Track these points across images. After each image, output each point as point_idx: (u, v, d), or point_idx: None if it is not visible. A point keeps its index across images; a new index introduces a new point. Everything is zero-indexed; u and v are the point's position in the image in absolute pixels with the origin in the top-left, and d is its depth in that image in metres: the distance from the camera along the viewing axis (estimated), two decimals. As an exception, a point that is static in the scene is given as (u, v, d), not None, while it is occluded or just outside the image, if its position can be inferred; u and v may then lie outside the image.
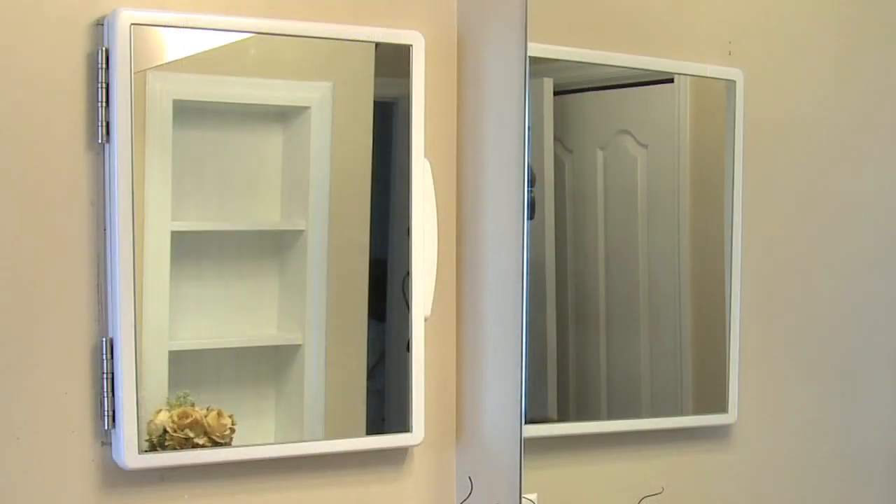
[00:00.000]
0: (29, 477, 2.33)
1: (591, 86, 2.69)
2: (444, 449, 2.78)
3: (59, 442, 2.35)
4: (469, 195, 2.77)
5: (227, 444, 2.48)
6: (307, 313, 2.65)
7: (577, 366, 2.71)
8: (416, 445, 2.70)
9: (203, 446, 2.45)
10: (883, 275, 2.37)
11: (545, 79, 2.59)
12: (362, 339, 2.68)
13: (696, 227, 2.64)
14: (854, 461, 2.44)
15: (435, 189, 2.70)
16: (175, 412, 2.43)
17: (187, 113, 2.48)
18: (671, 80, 2.62)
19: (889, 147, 2.30)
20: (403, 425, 2.67)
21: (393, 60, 2.63)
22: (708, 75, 2.59)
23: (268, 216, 2.64)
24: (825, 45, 2.52)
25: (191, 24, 2.42)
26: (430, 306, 2.69)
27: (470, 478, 2.71)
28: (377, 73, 2.64)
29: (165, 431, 2.42)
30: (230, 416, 2.48)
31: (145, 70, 2.37)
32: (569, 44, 2.62)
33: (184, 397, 2.45)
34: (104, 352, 2.35)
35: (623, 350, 2.71)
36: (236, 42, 2.49)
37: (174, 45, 2.44)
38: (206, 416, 2.46)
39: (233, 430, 2.49)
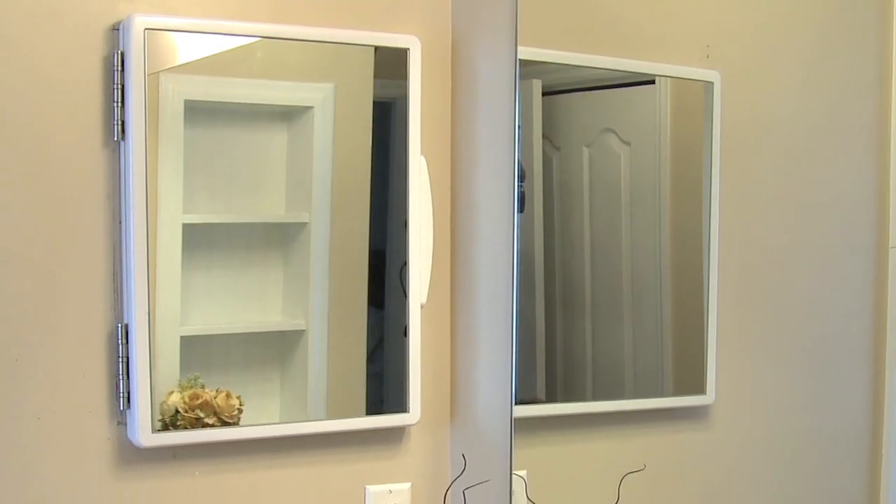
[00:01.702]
0: (48, 454, 2.33)
1: (577, 87, 2.68)
2: (439, 428, 2.79)
3: (77, 422, 2.36)
4: (463, 190, 2.77)
5: (236, 424, 2.49)
6: (310, 301, 2.65)
7: (563, 350, 2.70)
8: (412, 425, 2.71)
9: (213, 426, 2.46)
10: (849, 265, 2.37)
11: (534, 80, 2.59)
12: (362, 324, 2.69)
13: (676, 219, 2.63)
14: (823, 439, 2.44)
15: (430, 184, 2.71)
16: (186, 394, 2.45)
17: (198, 112, 2.48)
18: (653, 82, 2.61)
19: (854, 145, 2.31)
20: (401, 406, 2.68)
21: (391, 63, 2.62)
22: (687, 77, 2.58)
23: (273, 209, 2.64)
24: (797, 50, 2.51)
25: (201, 29, 2.42)
26: (425, 294, 2.70)
27: (463, 455, 2.71)
28: (376, 75, 2.64)
29: (177, 412, 2.43)
30: (238, 398, 2.49)
31: (158, 72, 2.37)
32: (556, 47, 2.60)
33: (194, 380, 2.46)
34: (120, 337, 2.37)
35: (607, 335, 2.70)
36: (244, 46, 2.50)
37: (185, 49, 2.44)
38: (215, 398, 2.47)
39: (240, 411, 2.50)
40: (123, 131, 2.34)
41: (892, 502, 2.28)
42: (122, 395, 2.37)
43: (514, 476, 2.60)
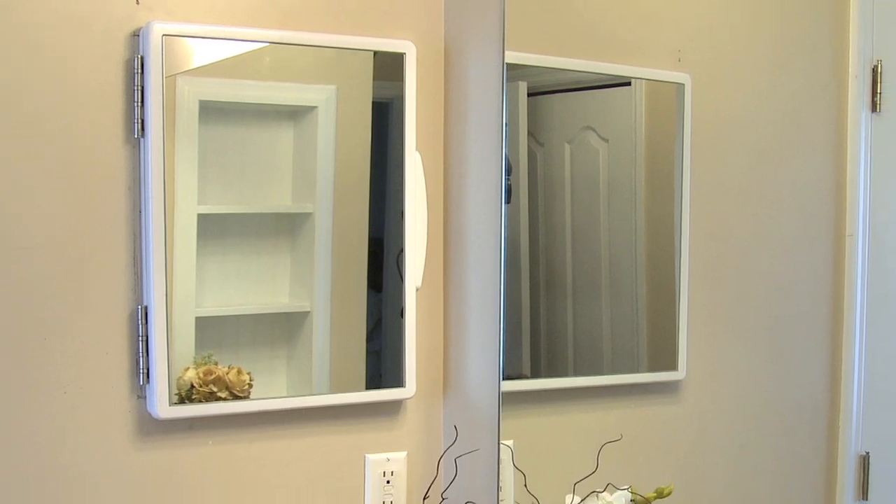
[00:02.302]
0: (74, 426, 2.36)
1: (559, 88, 2.68)
2: (433, 401, 2.81)
3: (100, 395, 2.38)
4: (454, 183, 2.78)
5: (246, 398, 2.51)
6: (315, 284, 2.65)
7: (547, 329, 2.71)
8: (408, 398, 2.73)
9: (225, 399, 2.48)
10: (809, 251, 2.39)
11: (520, 82, 2.61)
12: (362, 306, 2.69)
13: (650, 210, 2.63)
14: (785, 411, 2.43)
15: (425, 177, 2.72)
16: (201, 370, 2.46)
17: (211, 112, 2.49)
18: (629, 84, 2.62)
19: (813, 142, 2.34)
20: (398, 381, 2.70)
21: (389, 66, 2.64)
22: (660, 79, 2.58)
23: (280, 200, 2.64)
24: (761, 55, 2.50)
25: (214, 35, 2.44)
26: (420, 278, 2.71)
27: (455, 426, 2.74)
28: (375, 77, 2.65)
29: (192, 386, 2.45)
30: (248, 373, 2.51)
31: (175, 74, 2.39)
32: (540, 52, 2.62)
33: (208, 357, 2.48)
34: (140, 318, 2.39)
35: (587, 316, 2.70)
36: (253, 50, 2.50)
37: (200, 53, 2.44)
38: (227, 373, 2.49)
39: (251, 385, 2.52)
40: (143, 129, 2.36)
41: (848, 469, 2.27)
42: (141, 371, 2.40)
43: (501, 445, 2.62)
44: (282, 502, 2.64)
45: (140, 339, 2.40)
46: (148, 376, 2.41)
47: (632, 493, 2.48)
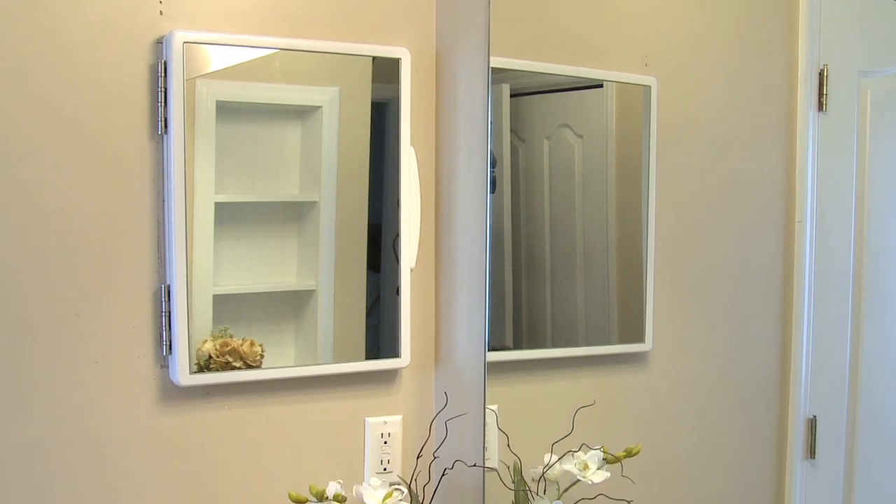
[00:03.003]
0: (105, 392, 2.40)
1: (539, 90, 2.68)
2: (426, 370, 2.84)
3: (128, 365, 2.42)
4: (445, 174, 2.80)
5: (258, 367, 2.55)
6: (320, 265, 2.66)
7: (527, 306, 2.72)
8: (403, 367, 2.77)
9: (239, 368, 2.52)
10: (763, 235, 2.38)
11: (504, 84, 2.61)
12: (362, 285, 2.71)
13: (620, 198, 2.63)
14: (740, 379, 2.45)
15: (418, 170, 2.74)
16: (217, 342, 2.50)
17: (227, 111, 2.51)
18: (601, 86, 2.62)
19: (766, 137, 2.35)
20: (394, 352, 2.73)
21: (386, 70, 2.66)
22: (629, 82, 2.58)
23: (289, 190, 2.66)
24: (719, 60, 2.51)
25: (230, 42, 2.47)
26: (414, 260, 2.75)
27: (445, 393, 2.77)
28: (374, 80, 2.66)
29: (210, 357, 2.49)
30: (260, 345, 2.54)
31: (195, 77, 2.42)
32: (522, 57, 2.63)
33: (224, 330, 2.51)
34: (163, 295, 2.43)
35: (563, 293, 2.69)
36: (265, 56, 2.53)
37: (217, 59, 2.47)
38: (241, 345, 2.52)
39: (262, 356, 2.55)
40: (166, 127, 2.40)
41: (797, 433, 2.29)
42: (164, 343, 2.44)
43: (487, 410, 2.65)
44: (290, 461, 2.66)
45: (163, 314, 2.44)
46: (170, 348, 2.45)
47: (603, 452, 2.48)
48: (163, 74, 2.40)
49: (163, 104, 2.40)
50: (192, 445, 2.54)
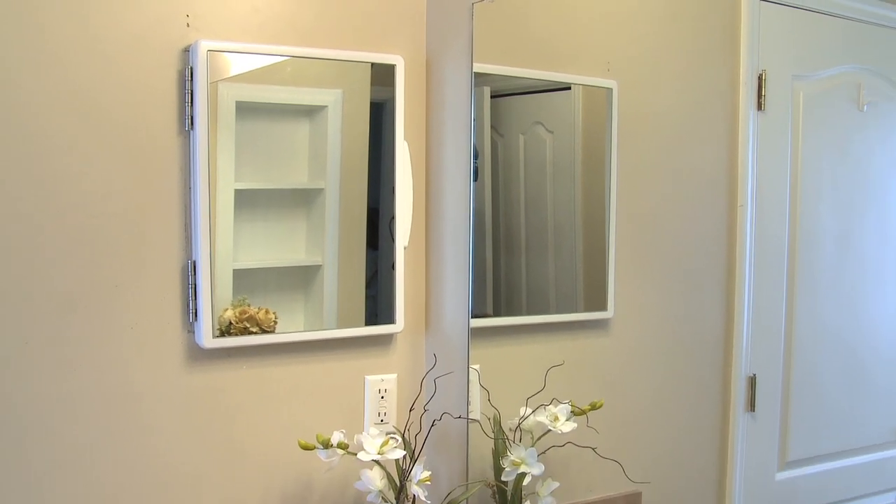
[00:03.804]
0: (139, 354, 2.44)
1: (515, 91, 2.69)
2: (417, 335, 2.87)
3: (159, 330, 2.46)
4: (434, 165, 2.82)
5: (272, 332, 2.58)
6: (325, 244, 2.68)
7: (505, 278, 2.73)
8: (398, 332, 2.80)
9: (256, 333, 2.55)
10: (709, 218, 2.35)
11: (485, 87, 2.63)
12: (362, 261, 2.73)
13: (586, 185, 2.62)
14: (689, 342, 2.44)
15: (411, 161, 2.77)
16: (237, 310, 2.53)
17: (245, 110, 2.52)
18: (569, 88, 2.61)
19: (712, 133, 2.32)
20: (390, 319, 2.76)
21: (383, 74, 2.68)
22: (593, 85, 2.56)
23: (299, 179, 2.67)
24: (671, 67, 2.47)
25: (248, 51, 2.49)
26: (407, 239, 2.78)
27: (434, 354, 2.81)
28: (372, 83, 2.68)
29: (230, 323, 2.52)
30: (274, 313, 2.58)
31: (217, 81, 2.44)
32: (501, 63, 2.63)
33: (243, 300, 2.54)
34: (189, 270, 2.47)
35: (536, 268, 2.70)
36: (278, 62, 2.54)
37: (237, 64, 2.48)
38: (257, 313, 2.55)
39: (276, 322, 2.58)
40: (192, 123, 2.43)
41: (739, 389, 2.26)
42: (191, 311, 2.48)
43: (470, 369, 2.69)
44: (299, 413, 2.68)
45: (190, 286, 2.48)
46: (196, 315, 2.48)
47: (571, 406, 2.51)
48: (189, 78, 2.43)
49: (189, 104, 2.43)
50: (214, 400, 2.57)
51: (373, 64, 2.68)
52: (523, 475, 2.57)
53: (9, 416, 2.33)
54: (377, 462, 2.57)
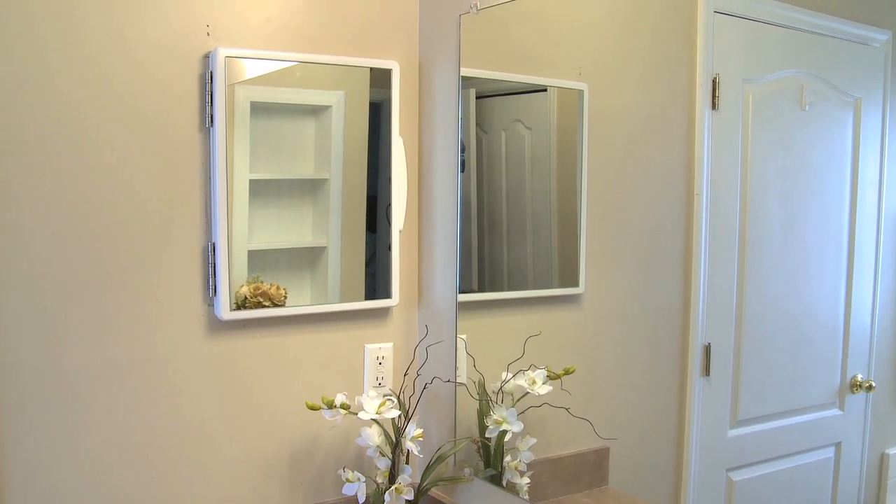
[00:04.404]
0: (165, 325, 2.49)
1: (498, 93, 2.68)
2: (411, 308, 2.91)
3: (182, 303, 2.51)
4: (426, 157, 2.85)
5: (283, 305, 2.61)
6: (330, 228, 2.69)
7: (489, 258, 2.73)
8: (394, 306, 2.84)
9: (268, 307, 2.58)
10: (670, 204, 2.22)
11: (471, 89, 2.67)
12: (362, 242, 2.75)
13: (560, 176, 2.56)
14: (652, 314, 2.35)
15: (405, 154, 2.80)
16: (251, 286, 2.56)
17: (259, 109, 2.54)
18: (545, 90, 2.58)
19: (672, 130, 2.22)
20: (387, 294, 2.80)
21: (381, 78, 2.70)
22: (567, 87, 2.51)
23: (306, 170, 2.68)
24: (636, 71, 2.38)
25: (261, 57, 2.51)
26: (402, 223, 2.81)
27: (426, 325, 2.87)
28: (371, 86, 2.70)
29: (245, 298, 2.55)
30: (284, 289, 2.61)
31: (234, 84, 2.46)
32: (485, 68, 2.66)
33: (256, 278, 2.57)
34: (209, 251, 2.51)
35: (516, 249, 2.68)
36: (288, 67, 2.56)
37: (251, 69, 2.50)
38: (269, 289, 2.58)
39: (286, 297, 2.61)
40: (212, 121, 2.46)
41: (696, 356, 2.15)
42: (210, 287, 2.52)
43: (458, 338, 2.74)
44: (307, 377, 2.71)
45: (209, 265, 2.51)
46: (215, 291, 2.52)
47: (547, 371, 2.51)
48: (209, 81, 2.45)
49: (209, 104, 2.46)
50: (231, 366, 2.59)
51: (371, 68, 2.70)
52: (505, 432, 2.59)
53: (52, 380, 2.36)
54: (375, 421, 2.60)
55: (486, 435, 2.62)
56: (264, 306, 2.59)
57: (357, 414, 2.58)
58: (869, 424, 2.02)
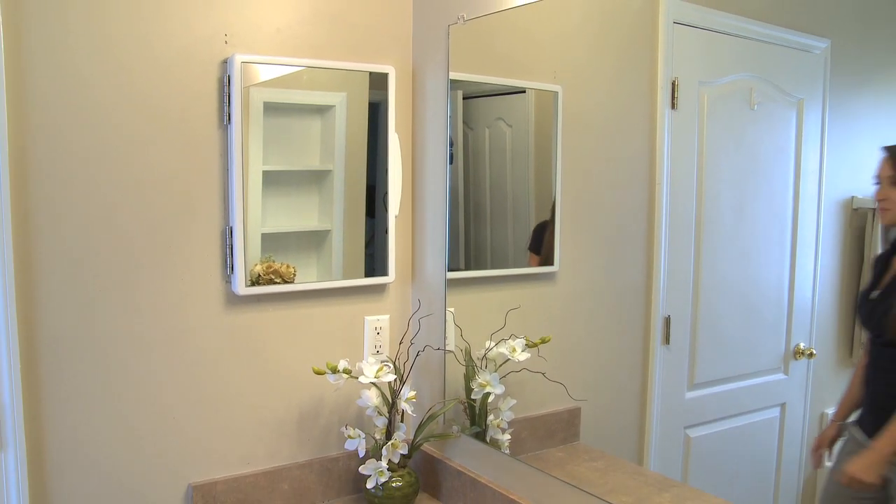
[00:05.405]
0: (188, 299, 2.49)
1: (482, 94, 2.68)
2: (405, 284, 2.90)
3: (203, 280, 2.51)
4: (418, 151, 2.85)
5: (292, 282, 2.61)
6: (333, 213, 2.70)
7: (475, 240, 2.72)
8: (390, 282, 2.84)
9: (279, 283, 2.58)
10: (635, 192, 2.18)
11: (458, 91, 2.67)
12: (362, 226, 2.75)
13: (537, 168, 2.55)
14: (618, 289, 2.33)
15: (401, 148, 2.81)
16: (264, 265, 2.56)
17: (271, 109, 2.54)
18: (524, 91, 2.58)
19: (637, 127, 2.18)
20: (384, 272, 2.80)
21: (378, 81, 2.71)
22: (543, 89, 2.51)
23: (313, 162, 2.68)
24: (604, 75, 2.35)
25: (273, 62, 2.51)
26: (398, 209, 2.82)
27: (419, 299, 2.87)
28: (370, 87, 2.71)
29: (259, 275, 2.55)
30: (293, 267, 2.61)
31: (249, 86, 2.47)
32: (471, 72, 2.66)
33: (269, 257, 2.58)
34: (227, 233, 2.51)
35: (499, 232, 2.67)
36: (296, 71, 2.56)
37: (264, 73, 2.50)
38: (280, 267, 2.59)
39: (295, 275, 2.61)
40: (229, 119, 2.46)
41: (657, 327, 2.15)
42: (228, 266, 2.52)
43: (447, 311, 2.74)
44: (313, 345, 2.71)
45: (227, 246, 2.52)
46: (232, 269, 2.52)
47: (526, 340, 2.51)
48: (227, 84, 2.46)
49: (227, 104, 2.46)
50: (247, 335, 2.60)
51: (370, 73, 2.71)
52: (488, 394, 2.60)
53: (93, 348, 2.39)
54: (374, 384, 2.62)
55: (472, 396, 2.63)
56: (276, 283, 2.59)
57: (358, 378, 2.60)
58: (810, 387, 2.03)
